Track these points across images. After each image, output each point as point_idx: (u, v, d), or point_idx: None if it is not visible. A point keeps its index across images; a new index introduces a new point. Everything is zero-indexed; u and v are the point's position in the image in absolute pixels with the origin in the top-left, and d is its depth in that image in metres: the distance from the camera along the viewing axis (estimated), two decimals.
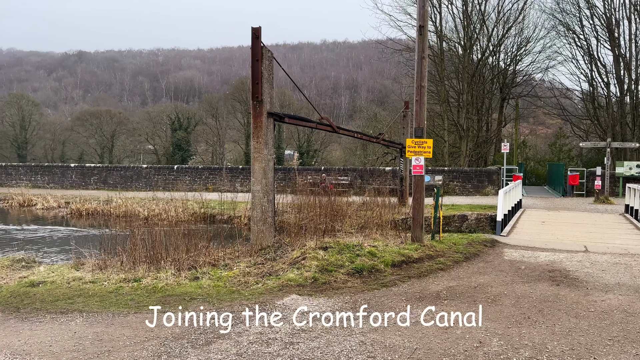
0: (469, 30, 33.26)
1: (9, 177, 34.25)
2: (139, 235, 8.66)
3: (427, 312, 5.98)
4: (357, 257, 8.06)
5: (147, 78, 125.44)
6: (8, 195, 25.68)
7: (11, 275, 7.88)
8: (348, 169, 29.33)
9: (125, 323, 5.58)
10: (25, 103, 53.14)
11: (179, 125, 50.43)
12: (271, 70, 9.11)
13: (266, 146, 9.11)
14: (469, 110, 32.92)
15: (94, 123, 51.05)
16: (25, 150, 51.07)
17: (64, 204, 23.46)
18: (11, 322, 5.65)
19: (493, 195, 24.37)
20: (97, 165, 34.52)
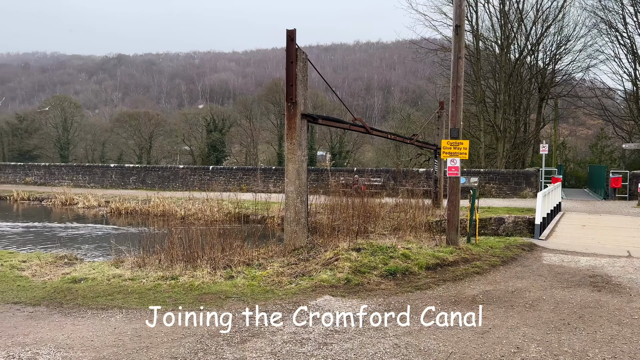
0: (506, 29, 32.54)
1: (52, 176, 35.60)
2: (176, 234, 8.85)
3: (463, 316, 5.89)
4: (390, 259, 8.01)
5: (184, 80, 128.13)
6: (51, 194, 26.67)
7: (55, 272, 8.19)
8: (381, 170, 29.16)
9: (163, 319, 5.71)
10: (67, 105, 55.17)
11: (214, 127, 51.30)
12: (305, 72, 9.16)
13: (300, 147, 9.16)
14: (506, 110, 32.19)
15: (132, 124, 52.49)
16: (67, 151, 52.98)
17: (104, 203, 24.20)
18: (55, 317, 5.86)
19: (531, 198, 23.75)
20: (135, 166, 35.47)
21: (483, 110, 32.88)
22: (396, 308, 6.19)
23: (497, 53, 33.71)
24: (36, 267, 8.39)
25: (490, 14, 33.22)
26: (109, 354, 4.70)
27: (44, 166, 37.22)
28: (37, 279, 7.67)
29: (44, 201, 26.41)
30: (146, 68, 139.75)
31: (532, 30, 33.25)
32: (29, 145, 53.09)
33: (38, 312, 6.01)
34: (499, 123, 32.08)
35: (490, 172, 26.82)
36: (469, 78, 32.03)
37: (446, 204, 10.25)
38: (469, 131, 32.92)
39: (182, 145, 53.52)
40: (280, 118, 50.05)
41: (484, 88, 33.54)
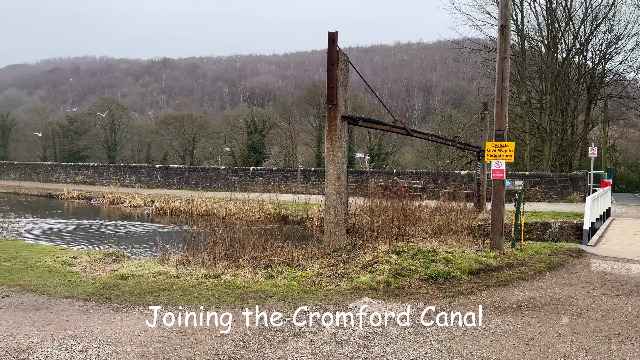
0: (553, 28, 31.50)
1: (101, 176, 37.02)
2: (219, 234, 9.04)
3: (507, 323, 5.75)
4: (431, 262, 7.90)
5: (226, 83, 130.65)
6: (100, 194, 27.73)
7: (103, 268, 8.51)
8: (421, 173, 28.79)
9: (207, 317, 5.84)
10: (115, 107, 57.24)
11: (255, 129, 52.03)
12: (346, 73, 9.17)
13: (340, 149, 9.17)
14: (553, 112, 31.15)
15: (176, 126, 53.90)
16: (114, 152, 54.96)
17: (149, 202, 24.96)
18: (104, 312, 6.10)
19: (579, 202, 22.89)
20: (179, 167, 36.43)
21: (528, 112, 31.94)
22: (438, 312, 6.10)
23: (543, 53, 32.68)
24: (86, 264, 8.75)
25: (536, 13, 32.18)
26: (155, 349, 4.84)
27: (93, 166, 38.75)
28: (87, 275, 8.00)
29: (93, 200, 27.48)
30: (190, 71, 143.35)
31: (581, 29, 32.05)
32: (78, 146, 55.42)
33: (88, 307, 6.27)
34: (545, 125, 31.08)
35: (536, 175, 26.02)
36: (514, 78, 31.18)
37: (490, 207, 10.02)
38: (513, 133, 32.05)
39: (224, 146, 54.56)
40: (319, 120, 50.23)
41: (530, 89, 32.58)
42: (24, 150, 62.29)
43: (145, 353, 4.73)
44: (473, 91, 49.08)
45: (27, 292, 6.89)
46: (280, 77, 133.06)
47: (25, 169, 42.14)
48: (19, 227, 14.74)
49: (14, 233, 13.19)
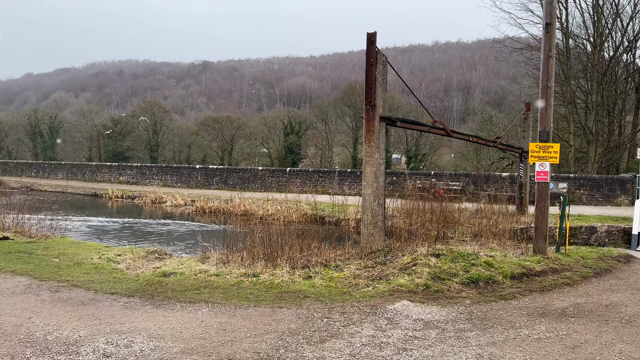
0: (599, 26, 30.32)
1: (143, 176, 38.13)
2: (257, 234, 9.15)
3: (551, 329, 5.57)
4: (472, 266, 7.74)
5: (263, 85, 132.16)
6: (142, 193, 28.55)
7: (146, 266, 8.76)
8: (460, 174, 28.27)
9: (246, 315, 5.93)
10: (157, 109, 58.86)
11: (291, 130, 52.41)
12: (385, 74, 9.11)
13: (378, 150, 9.12)
14: (599, 112, 29.97)
15: (215, 128, 54.93)
16: (156, 153, 56.50)
17: (190, 202, 25.52)
18: (147, 308, 6.27)
19: (626, 206, 21.94)
20: (218, 167, 37.09)
21: (573, 112, 30.87)
22: (479, 317, 5.97)
23: (589, 51, 31.51)
24: (130, 261, 9.02)
25: (581, 10, 31.16)
26: (196, 345, 4.94)
27: (136, 166, 39.95)
28: (131, 272, 8.24)
29: (136, 199, 28.31)
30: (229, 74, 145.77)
31: (629, 26, 30.72)
32: (122, 147, 57.28)
33: (132, 303, 6.46)
34: (590, 125, 29.96)
35: (581, 177, 25.12)
36: (558, 78, 30.19)
37: (533, 210, 9.74)
38: (557, 134, 31.05)
39: (261, 147, 55.20)
40: (355, 121, 50.10)
41: (574, 88, 31.48)
42: (71, 151, 64.94)
43: (187, 349, 4.83)
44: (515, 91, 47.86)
45: (74, 287, 7.16)
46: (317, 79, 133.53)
47: (72, 169, 43.88)
48: (67, 225, 15.37)
49: (62, 231, 13.75)
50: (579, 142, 31.89)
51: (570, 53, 30.99)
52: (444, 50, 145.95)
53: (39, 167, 46.91)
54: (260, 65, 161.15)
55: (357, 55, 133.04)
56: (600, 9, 30.16)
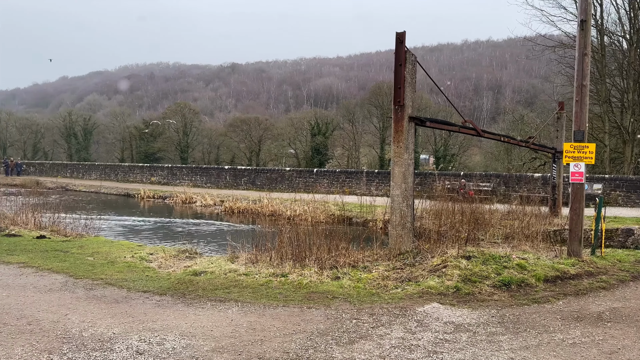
0: (636, 22, 29.32)
1: (174, 177, 38.82)
2: (285, 234, 9.19)
3: (587, 334, 5.41)
4: (504, 269, 7.59)
5: (291, 86, 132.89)
6: (173, 193, 29.06)
7: (177, 264, 8.91)
8: (490, 175, 27.78)
9: (275, 315, 5.96)
10: (187, 111, 59.85)
11: (318, 131, 52.50)
12: (414, 74, 9.03)
13: (407, 151, 9.04)
14: (635, 111, 28.98)
15: (244, 129, 55.49)
16: (186, 154, 57.45)
17: (219, 202, 25.85)
18: (179, 306, 6.37)
19: None
20: (246, 168, 37.46)
21: (608, 111, 29.94)
22: (511, 321, 5.85)
23: (624, 48, 30.52)
24: (161, 260, 9.20)
25: (617, 7, 30.06)
26: (227, 344, 5.00)
27: (167, 167, 40.71)
28: (163, 271, 8.40)
29: (167, 199, 28.85)
30: (257, 75, 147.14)
31: None
32: (153, 148, 58.46)
33: (164, 301, 6.58)
34: (626, 125, 28.99)
35: (617, 178, 24.34)
36: (592, 76, 29.35)
37: (566, 212, 9.49)
38: (592, 134, 30.16)
39: (288, 148, 55.47)
40: (382, 121, 49.83)
41: (610, 87, 30.53)
42: (104, 152, 66.67)
43: (218, 348, 4.89)
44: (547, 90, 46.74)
45: (108, 285, 7.34)
46: (344, 79, 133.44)
47: (106, 169, 45.01)
48: (101, 225, 15.77)
49: (96, 230, 14.12)
50: (614, 142, 30.93)
51: (605, 51, 30.09)
52: (473, 49, 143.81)
53: (73, 167, 48.31)
54: (288, 67, 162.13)
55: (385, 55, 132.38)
56: (636, 4, 29.18)
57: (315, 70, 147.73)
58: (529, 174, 27.45)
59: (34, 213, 14.05)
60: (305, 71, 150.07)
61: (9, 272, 8.11)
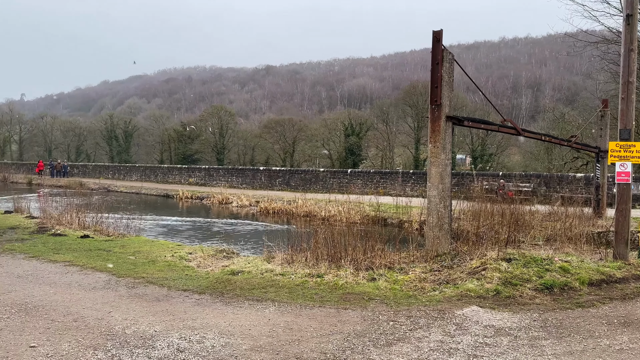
0: None
1: (211, 178, 39.53)
2: (321, 234, 9.21)
3: (635, 340, 5.20)
4: (546, 271, 7.37)
5: (324, 87, 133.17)
6: (210, 194, 29.57)
7: (215, 264, 9.05)
8: (530, 175, 27.04)
9: (312, 315, 5.98)
10: (223, 113, 60.85)
11: (352, 131, 52.39)
12: (451, 73, 8.90)
13: (444, 151, 8.91)
14: None
15: (278, 130, 55.96)
16: (222, 155, 58.40)
17: (254, 202, 26.15)
18: (217, 305, 6.48)
19: None
20: (281, 169, 37.77)
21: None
22: (554, 325, 5.68)
23: None
24: (200, 259, 9.37)
25: None
26: (265, 343, 5.05)
27: (204, 169, 41.50)
28: (201, 270, 8.56)
29: (204, 200, 29.39)
30: (290, 77, 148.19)
31: None
32: (191, 150, 59.70)
33: (203, 300, 6.70)
34: None
35: None
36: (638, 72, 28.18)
37: (612, 213, 9.14)
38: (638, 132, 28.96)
39: (321, 149, 55.59)
40: (417, 121, 49.25)
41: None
42: (144, 154, 68.51)
43: (256, 347, 4.94)
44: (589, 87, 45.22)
45: (149, 284, 7.53)
46: (378, 79, 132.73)
47: (145, 171, 46.26)
48: (142, 224, 16.20)
49: (137, 229, 14.51)
50: None
51: None
52: (511, 46, 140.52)
53: (115, 169, 49.86)
54: (321, 68, 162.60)
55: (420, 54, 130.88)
56: None
57: (348, 70, 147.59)
58: (571, 174, 26.59)
59: (78, 213, 14.56)
60: (339, 72, 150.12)
61: (55, 270, 8.44)
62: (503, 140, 44.71)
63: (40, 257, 9.50)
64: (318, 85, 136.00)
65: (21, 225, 13.85)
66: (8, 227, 13.49)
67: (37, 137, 76.66)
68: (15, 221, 14.79)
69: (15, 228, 13.40)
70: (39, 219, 15.21)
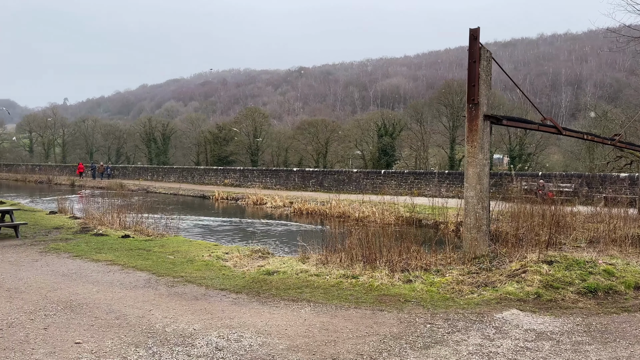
0: None
1: (246, 179, 40.04)
2: (355, 235, 9.18)
3: None
4: (589, 274, 7.12)
5: (357, 88, 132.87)
6: (245, 195, 29.98)
7: (251, 264, 9.16)
8: (571, 175, 26.20)
9: (347, 316, 5.97)
10: (257, 115, 61.59)
11: (385, 131, 52.08)
12: (489, 71, 8.72)
13: (481, 150, 8.74)
14: None
15: (311, 131, 56.23)
16: (256, 156, 59.11)
17: (288, 203, 26.33)
18: (254, 305, 6.55)
19: None
20: (314, 170, 37.89)
21: None
22: (599, 330, 5.48)
23: None
24: (236, 259, 9.49)
25: None
26: (301, 343, 5.07)
27: (239, 170, 42.08)
28: (238, 270, 8.67)
29: (239, 200, 29.79)
30: (323, 78, 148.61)
31: None
32: (226, 151, 60.69)
33: (240, 299, 6.78)
34: None
35: None
36: None
37: None
38: None
39: (354, 150, 55.50)
40: (452, 120, 48.53)
41: None
42: (181, 156, 70.11)
43: (293, 347, 4.97)
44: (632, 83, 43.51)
45: (188, 283, 7.68)
46: (411, 79, 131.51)
47: (183, 172, 47.27)
48: (179, 224, 16.56)
49: (175, 229, 14.84)
50: None
51: None
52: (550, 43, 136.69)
53: (153, 171, 51.15)
54: (354, 69, 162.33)
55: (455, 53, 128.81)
56: None
57: (381, 70, 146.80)
58: (614, 173, 25.61)
59: (119, 213, 15.00)
60: (372, 72, 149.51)
61: (98, 269, 8.72)
62: (542, 139, 43.56)
63: (84, 256, 9.84)
64: (351, 85, 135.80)
65: (65, 226, 14.38)
66: (53, 227, 14.04)
67: (79, 140, 79.57)
68: (59, 221, 15.37)
69: (60, 228, 13.93)
70: (82, 219, 15.76)
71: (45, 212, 18.46)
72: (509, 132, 43.70)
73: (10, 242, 11.45)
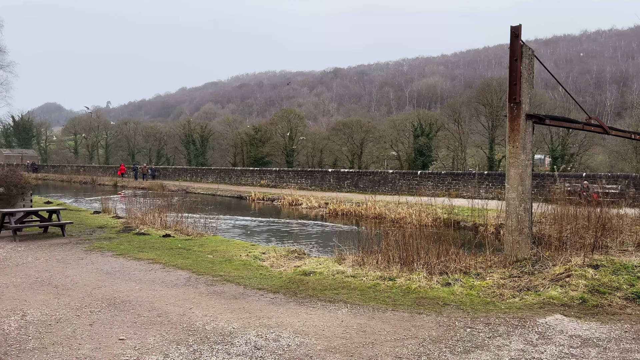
0: None
1: (281, 180, 40.35)
2: (392, 237, 9.10)
3: None
4: (637, 279, 6.82)
5: (392, 88, 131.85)
6: (280, 196, 30.21)
7: (288, 264, 9.21)
8: (618, 176, 25.17)
9: (385, 318, 5.92)
10: (292, 117, 62.01)
11: (421, 132, 51.41)
12: (531, 69, 8.48)
13: (524, 151, 8.50)
14: None
15: (346, 132, 56.14)
16: (292, 157, 59.51)
17: (323, 204, 26.36)
18: (291, 304, 6.58)
19: None
20: (349, 171, 37.80)
21: None
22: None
23: None
24: (273, 259, 9.57)
25: None
26: (338, 344, 5.06)
27: (275, 171, 42.46)
28: (274, 270, 8.74)
29: (275, 201, 30.05)
30: (358, 79, 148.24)
31: None
32: (262, 152, 61.36)
33: (277, 299, 6.84)
34: None
35: None
36: None
37: None
38: None
39: (390, 150, 55.06)
40: (491, 120, 47.48)
41: None
42: (218, 157, 71.36)
43: (330, 348, 4.97)
44: None
45: (227, 282, 7.80)
46: (449, 78, 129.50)
47: (220, 173, 48.07)
48: (218, 224, 16.85)
49: (213, 229, 15.10)
50: None
51: None
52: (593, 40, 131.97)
53: (192, 172, 52.22)
54: (390, 69, 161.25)
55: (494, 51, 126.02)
56: None
57: (417, 70, 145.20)
58: None
59: (160, 213, 15.39)
60: (408, 72, 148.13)
61: (140, 267, 8.97)
62: (586, 139, 42.09)
63: (126, 254, 10.14)
64: (386, 86, 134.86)
65: (108, 225, 14.87)
66: (97, 227, 14.53)
67: (121, 142, 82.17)
68: (103, 221, 15.90)
69: (103, 227, 14.41)
70: (124, 218, 16.25)
71: (90, 212, 19.13)
72: (551, 131, 42.42)
73: (58, 241, 11.92)
